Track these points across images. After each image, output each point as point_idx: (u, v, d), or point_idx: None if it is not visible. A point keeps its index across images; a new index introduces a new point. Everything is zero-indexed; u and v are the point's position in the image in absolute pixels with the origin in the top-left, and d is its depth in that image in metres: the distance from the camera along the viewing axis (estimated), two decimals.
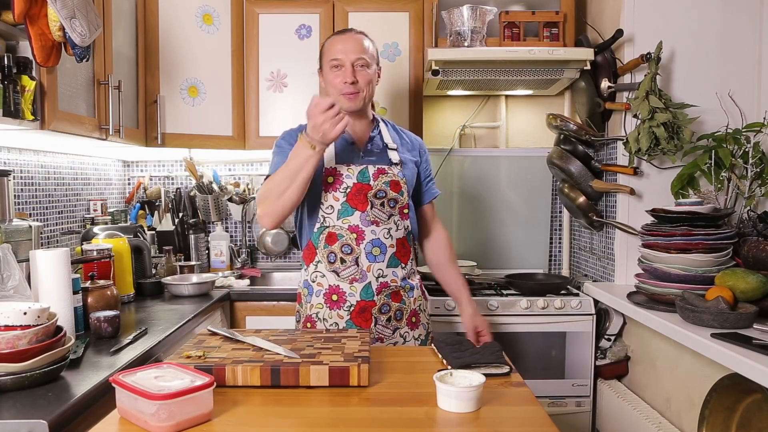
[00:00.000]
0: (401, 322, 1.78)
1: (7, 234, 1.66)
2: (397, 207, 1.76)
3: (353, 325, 1.73)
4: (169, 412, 1.00)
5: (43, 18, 1.54)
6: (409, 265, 1.82)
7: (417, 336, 1.82)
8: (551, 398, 2.38)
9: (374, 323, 1.73)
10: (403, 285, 1.78)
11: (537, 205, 2.95)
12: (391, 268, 1.75)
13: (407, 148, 1.86)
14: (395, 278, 1.76)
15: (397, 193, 1.75)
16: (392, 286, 1.76)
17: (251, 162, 3.03)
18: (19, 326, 1.23)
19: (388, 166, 1.77)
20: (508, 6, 2.60)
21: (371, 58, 1.75)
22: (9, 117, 1.56)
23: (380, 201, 1.73)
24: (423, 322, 1.85)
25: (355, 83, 1.71)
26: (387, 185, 1.74)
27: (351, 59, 1.71)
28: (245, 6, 2.65)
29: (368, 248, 1.72)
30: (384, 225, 1.74)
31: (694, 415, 1.79)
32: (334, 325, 1.73)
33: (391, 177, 1.75)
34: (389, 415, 1.10)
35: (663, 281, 1.94)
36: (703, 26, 2.28)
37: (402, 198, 1.77)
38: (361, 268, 1.72)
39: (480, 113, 3.01)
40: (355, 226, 1.71)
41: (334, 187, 1.72)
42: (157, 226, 2.85)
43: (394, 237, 1.75)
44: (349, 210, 1.72)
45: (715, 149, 2.10)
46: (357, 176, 1.72)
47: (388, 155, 1.80)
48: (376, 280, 1.73)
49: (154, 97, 2.46)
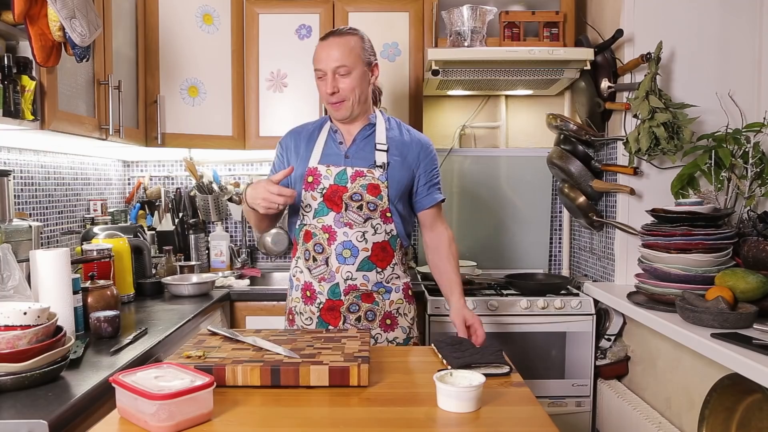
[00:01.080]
0: (373, 323, 1.75)
1: (7, 234, 1.66)
2: (378, 210, 1.72)
3: (323, 322, 1.75)
4: (169, 412, 1.00)
5: (43, 18, 1.53)
6: (390, 270, 1.76)
7: (392, 338, 1.77)
8: (551, 398, 2.38)
9: (343, 321, 1.75)
10: (376, 289, 1.75)
11: (537, 205, 2.95)
12: (362, 272, 1.72)
13: (405, 150, 1.78)
14: (365, 282, 1.73)
15: (374, 197, 1.71)
16: (361, 289, 1.74)
17: (251, 162, 3.03)
18: (19, 326, 1.23)
19: (368, 169, 1.72)
20: (508, 6, 2.60)
21: (354, 61, 1.68)
22: (9, 117, 1.56)
23: (357, 204, 1.71)
24: (402, 325, 1.79)
25: (335, 93, 1.69)
26: (364, 188, 1.71)
27: (331, 67, 1.67)
28: (245, 6, 2.65)
29: (339, 249, 1.71)
30: (358, 228, 1.71)
31: (694, 415, 1.79)
32: (308, 319, 1.77)
33: (369, 180, 1.71)
34: (389, 415, 1.10)
35: (663, 281, 1.94)
36: (703, 26, 2.28)
37: (381, 202, 1.72)
38: (330, 269, 1.73)
39: (480, 113, 3.01)
40: (328, 227, 1.72)
41: (312, 186, 1.73)
42: (157, 226, 2.86)
43: (370, 241, 1.72)
44: (324, 210, 1.73)
45: (715, 149, 2.10)
46: (334, 178, 1.72)
47: (375, 157, 1.75)
48: (344, 281, 1.73)
49: (154, 97, 2.46)
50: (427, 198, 1.82)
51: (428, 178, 1.82)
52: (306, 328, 1.77)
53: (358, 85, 1.70)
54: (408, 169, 1.78)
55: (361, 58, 1.70)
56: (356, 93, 1.70)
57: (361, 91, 1.72)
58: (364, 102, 1.75)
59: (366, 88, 1.74)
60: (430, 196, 1.82)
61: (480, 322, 1.70)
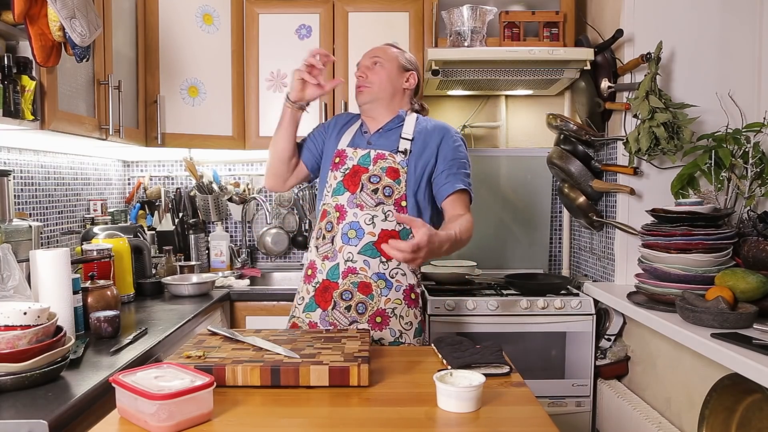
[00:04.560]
0: (362, 317, 1.70)
1: (7, 234, 1.66)
2: (392, 197, 1.72)
3: (314, 304, 1.75)
4: (169, 412, 1.00)
5: (43, 18, 1.53)
6: (395, 263, 1.71)
7: (378, 338, 1.71)
8: (551, 398, 2.38)
9: (332, 306, 1.72)
10: (375, 280, 1.70)
11: (537, 205, 2.95)
12: (364, 256, 1.70)
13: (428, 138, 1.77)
14: (365, 267, 1.70)
15: (393, 180, 1.73)
16: (360, 274, 1.70)
17: (251, 162, 3.03)
18: (19, 326, 1.23)
19: (390, 153, 1.76)
20: (508, 6, 2.60)
21: (389, 60, 1.83)
22: (9, 117, 1.56)
23: (374, 186, 1.73)
24: (393, 327, 1.71)
25: (362, 77, 1.82)
26: (384, 171, 1.73)
27: (369, 59, 1.84)
28: (245, 6, 2.65)
29: (345, 229, 1.72)
30: (369, 210, 1.71)
31: (694, 415, 1.79)
32: (301, 299, 1.80)
33: (389, 163, 1.74)
34: (389, 415, 1.10)
35: (663, 281, 1.94)
36: (703, 26, 2.28)
37: (399, 187, 1.73)
38: (334, 247, 1.74)
39: (480, 113, 3.01)
40: (341, 206, 1.75)
41: (337, 166, 1.80)
42: (157, 226, 2.86)
43: (378, 226, 1.70)
44: (341, 189, 1.76)
45: (715, 149, 2.10)
46: (359, 159, 1.77)
47: (398, 144, 1.77)
48: (344, 263, 1.71)
49: (154, 97, 2.46)
50: (446, 186, 1.73)
51: (447, 164, 1.75)
52: (297, 308, 1.80)
53: (387, 78, 1.81)
54: (429, 155, 1.77)
55: (398, 61, 1.85)
56: (382, 84, 1.81)
57: (389, 85, 1.82)
58: (389, 98, 1.82)
59: (394, 86, 1.83)
60: (449, 184, 1.73)
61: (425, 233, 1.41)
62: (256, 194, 2.98)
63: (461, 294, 2.42)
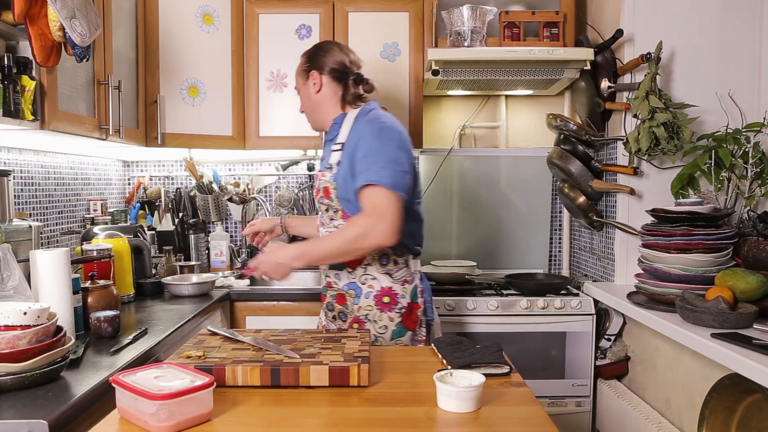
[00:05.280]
0: (345, 324, 1.79)
1: (7, 234, 1.66)
2: (339, 212, 1.73)
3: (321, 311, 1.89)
4: (169, 412, 1.00)
5: (43, 18, 1.53)
6: (362, 270, 1.73)
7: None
8: (551, 398, 2.38)
9: (324, 315, 1.86)
10: (347, 290, 1.77)
11: (537, 205, 2.95)
12: (334, 270, 1.79)
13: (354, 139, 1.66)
14: (337, 281, 1.79)
15: (327, 199, 1.74)
16: (335, 287, 1.80)
17: (251, 162, 3.03)
18: (19, 326, 1.23)
19: (323, 172, 1.76)
20: (508, 6, 2.60)
21: (297, 79, 1.84)
22: (9, 117, 1.55)
23: (324, 206, 1.78)
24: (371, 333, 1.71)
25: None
26: (322, 190, 1.76)
27: None
28: (245, 6, 2.65)
29: None
30: (327, 228, 1.79)
31: (694, 415, 1.79)
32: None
33: (323, 183, 1.75)
34: (389, 415, 1.10)
35: (663, 281, 1.94)
36: (703, 26, 2.28)
37: (333, 203, 1.73)
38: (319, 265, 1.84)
39: (480, 113, 3.01)
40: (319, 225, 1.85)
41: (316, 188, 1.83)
42: (157, 226, 2.85)
43: None
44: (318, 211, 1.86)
45: (715, 149, 2.10)
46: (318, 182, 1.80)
47: (330, 157, 1.74)
48: (324, 277, 1.84)
49: (154, 97, 2.46)
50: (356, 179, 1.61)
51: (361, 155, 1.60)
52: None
53: (306, 99, 1.82)
54: (351, 161, 1.63)
55: (300, 77, 1.83)
56: (307, 107, 1.84)
57: (310, 103, 1.82)
58: (322, 112, 1.81)
59: (314, 100, 1.80)
60: (353, 182, 1.62)
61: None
62: (256, 194, 2.98)
63: (461, 294, 2.42)
